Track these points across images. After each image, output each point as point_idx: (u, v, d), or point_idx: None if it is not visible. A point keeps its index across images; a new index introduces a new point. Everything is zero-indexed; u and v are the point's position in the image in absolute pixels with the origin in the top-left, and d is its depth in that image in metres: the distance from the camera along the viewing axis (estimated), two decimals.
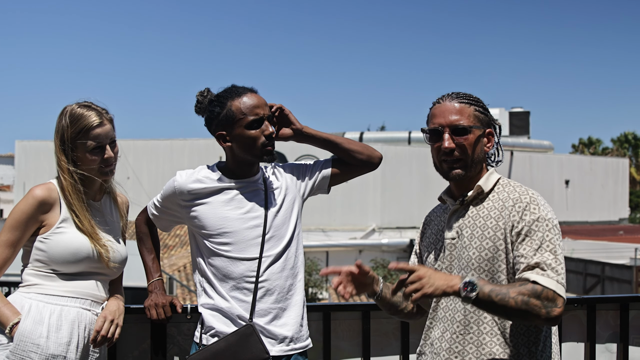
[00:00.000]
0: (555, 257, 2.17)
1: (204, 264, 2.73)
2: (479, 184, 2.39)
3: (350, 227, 34.50)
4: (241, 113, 2.63)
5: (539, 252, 2.18)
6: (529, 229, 2.22)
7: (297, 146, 35.70)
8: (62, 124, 2.64)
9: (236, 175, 2.75)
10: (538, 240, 2.20)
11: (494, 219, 2.30)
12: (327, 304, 3.18)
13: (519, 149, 40.45)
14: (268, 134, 2.65)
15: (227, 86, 2.74)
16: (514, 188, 2.35)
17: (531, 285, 2.12)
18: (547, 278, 2.13)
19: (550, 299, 2.10)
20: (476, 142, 2.39)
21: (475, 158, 2.40)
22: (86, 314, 2.61)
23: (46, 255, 2.60)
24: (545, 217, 2.23)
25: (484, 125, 2.41)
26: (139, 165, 35.43)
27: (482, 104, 2.43)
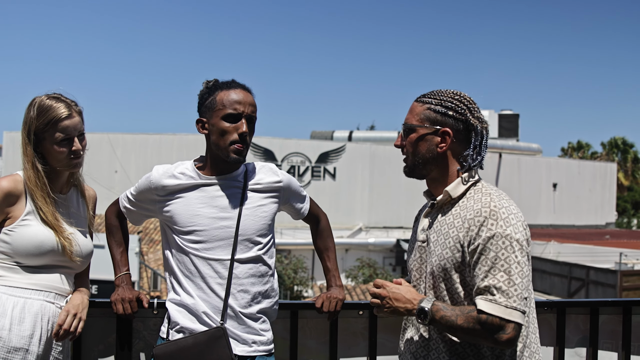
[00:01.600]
0: (509, 277, 2.10)
1: (172, 260, 2.70)
2: (446, 189, 2.33)
3: (337, 225, 34.48)
4: (222, 104, 2.61)
5: (490, 273, 2.12)
6: (483, 247, 2.14)
7: (285, 143, 35.95)
8: (30, 116, 2.61)
9: (214, 171, 2.71)
10: (491, 260, 2.13)
11: (456, 229, 2.24)
12: (295, 302, 3.16)
13: (507, 151, 40.61)
14: (240, 132, 2.60)
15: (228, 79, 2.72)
16: (480, 197, 2.26)
17: (476, 314, 2.11)
18: (494, 304, 2.09)
19: (496, 327, 2.08)
20: (418, 141, 2.35)
21: (419, 158, 2.36)
22: (50, 306, 2.59)
23: (10, 248, 2.57)
24: (502, 233, 2.13)
25: (435, 124, 2.32)
26: (127, 159, 35.33)
27: (444, 103, 2.32)
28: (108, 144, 35.37)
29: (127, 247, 2.95)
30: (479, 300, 2.12)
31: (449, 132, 2.31)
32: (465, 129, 2.32)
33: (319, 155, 36.53)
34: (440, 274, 2.27)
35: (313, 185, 36.30)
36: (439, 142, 2.32)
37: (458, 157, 2.35)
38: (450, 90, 2.37)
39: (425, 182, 2.45)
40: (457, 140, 2.32)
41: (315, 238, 3.10)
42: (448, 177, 2.36)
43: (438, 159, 2.35)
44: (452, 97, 2.33)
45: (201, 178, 2.69)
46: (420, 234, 2.42)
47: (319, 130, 43.02)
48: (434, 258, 2.30)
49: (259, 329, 2.68)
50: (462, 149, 2.34)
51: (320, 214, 3.10)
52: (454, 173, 2.35)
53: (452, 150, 2.34)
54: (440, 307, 2.18)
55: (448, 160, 2.35)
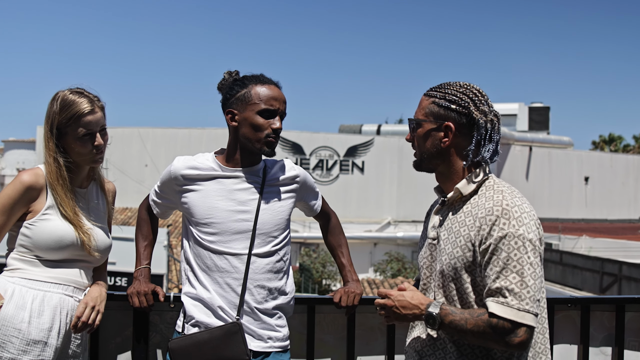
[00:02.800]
0: (522, 279, 2.04)
1: (189, 252, 2.70)
2: (457, 186, 2.27)
3: (366, 219, 34.54)
4: (258, 98, 2.61)
5: (502, 274, 2.06)
6: (495, 246, 2.08)
7: (313, 137, 35.98)
8: (52, 110, 2.62)
9: (235, 163, 2.69)
10: (502, 260, 2.06)
11: (467, 228, 2.19)
12: (312, 296, 3.14)
13: (538, 144, 40.22)
14: (275, 128, 2.61)
15: (256, 73, 2.72)
16: (492, 195, 2.19)
17: (487, 317, 2.06)
18: (506, 307, 2.03)
19: (507, 330, 2.03)
20: (424, 136, 2.31)
21: (425, 152, 2.32)
22: (68, 300, 2.60)
23: (31, 242, 2.58)
24: (515, 233, 2.07)
25: (438, 119, 2.27)
26: (157, 153, 35.65)
27: (448, 97, 2.26)
28: (138, 138, 35.73)
29: (153, 241, 2.96)
30: (491, 303, 2.06)
31: (451, 127, 2.24)
32: (469, 122, 2.24)
33: (347, 149, 36.53)
34: (450, 273, 2.21)
35: (341, 179, 36.32)
36: (442, 137, 2.27)
37: (462, 152, 2.27)
38: (458, 82, 2.31)
39: (435, 177, 2.40)
40: (460, 134, 2.25)
41: (327, 235, 3.08)
42: (454, 172, 2.30)
43: (443, 153, 2.29)
44: (457, 90, 2.26)
45: (221, 170, 2.68)
46: (431, 231, 2.37)
47: (347, 124, 43.01)
48: (444, 256, 2.25)
49: (275, 324, 2.66)
50: (468, 144, 2.26)
51: (331, 212, 3.09)
52: (459, 168, 2.29)
53: (456, 145, 2.27)
54: (448, 312, 2.13)
55: (452, 155, 2.29)
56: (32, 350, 2.46)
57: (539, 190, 39.60)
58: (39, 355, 2.46)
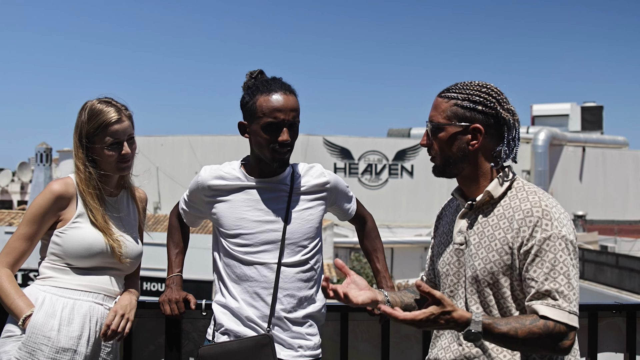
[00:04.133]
0: (569, 281, 1.99)
1: (219, 263, 2.68)
2: (488, 189, 2.17)
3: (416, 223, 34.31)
4: (261, 111, 2.52)
5: (550, 275, 1.99)
6: (539, 248, 2.02)
7: (362, 142, 35.94)
8: (81, 119, 2.65)
9: (260, 173, 2.65)
10: (549, 262, 2.00)
11: (503, 231, 2.11)
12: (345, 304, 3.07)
13: (591, 144, 39.45)
14: (281, 141, 2.52)
15: (270, 77, 2.64)
16: (526, 195, 2.12)
17: (543, 323, 1.96)
18: (559, 310, 1.97)
19: (562, 334, 1.96)
20: (449, 140, 2.19)
21: (450, 157, 2.21)
22: (98, 308, 2.61)
23: (61, 250, 2.60)
24: (558, 235, 2.01)
25: (464, 121, 2.16)
26: (207, 160, 35.98)
27: (472, 97, 2.16)
28: (188, 146, 36.19)
29: (184, 249, 2.94)
30: (542, 307, 1.98)
31: (480, 129, 2.15)
32: (497, 123, 2.16)
33: (396, 153, 36.40)
34: (486, 278, 2.13)
35: (390, 183, 36.19)
36: (469, 139, 2.17)
37: (491, 154, 2.19)
38: (475, 82, 2.21)
39: (456, 180, 2.30)
40: (489, 135, 2.16)
41: (363, 239, 3.01)
42: (481, 174, 2.21)
43: (470, 157, 2.19)
44: (480, 90, 2.17)
45: (247, 180, 2.65)
46: (458, 236, 2.26)
47: (396, 128, 42.82)
48: (477, 262, 2.16)
49: (306, 333, 2.62)
50: (495, 145, 2.18)
51: (367, 215, 3.01)
52: (487, 170, 2.21)
53: (484, 146, 2.18)
54: (493, 325, 1.97)
55: (480, 157, 2.20)
56: (61, 358, 2.48)
57: (594, 192, 38.85)
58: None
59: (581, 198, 38.28)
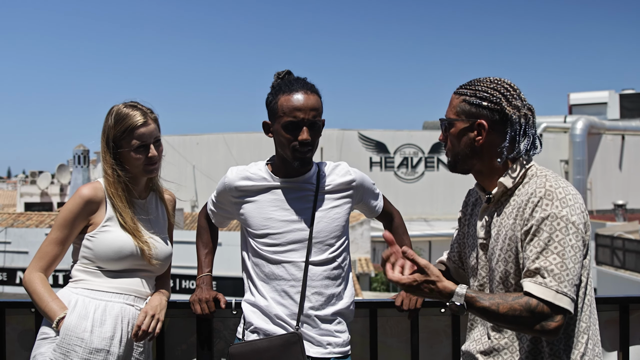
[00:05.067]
0: (562, 261, 1.97)
1: (247, 263, 2.72)
2: (500, 180, 2.19)
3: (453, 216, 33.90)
4: (282, 111, 2.55)
5: (542, 254, 1.98)
6: (537, 227, 2.02)
7: (397, 135, 35.77)
8: (108, 124, 2.70)
9: (285, 173, 2.68)
10: (544, 241, 1.99)
11: (513, 218, 2.12)
12: (373, 300, 3.11)
13: (631, 133, 38.72)
14: (301, 140, 2.54)
15: (294, 77, 2.66)
16: (535, 180, 2.13)
17: (525, 300, 1.97)
18: (545, 288, 1.95)
19: (545, 314, 1.95)
20: (457, 136, 2.24)
21: (459, 153, 2.25)
22: (129, 309, 2.66)
23: (92, 253, 2.66)
24: (557, 214, 2.00)
25: (470, 117, 2.19)
26: (242, 158, 36.15)
27: (479, 93, 2.18)
28: (224, 143, 36.38)
29: (214, 249, 2.98)
30: (528, 283, 1.99)
31: (484, 124, 2.17)
32: (502, 118, 2.17)
33: (431, 145, 36.17)
34: (509, 268, 2.14)
35: (427, 176, 35.99)
36: (475, 135, 2.20)
37: (498, 149, 2.19)
38: (489, 78, 2.22)
39: (474, 176, 2.32)
40: (494, 131, 2.18)
41: None
42: (493, 169, 2.23)
43: (478, 152, 2.22)
44: (487, 86, 2.18)
45: (273, 180, 2.67)
46: (480, 231, 2.29)
47: (431, 121, 42.54)
48: (497, 253, 2.17)
49: (334, 330, 2.64)
50: (502, 140, 2.18)
51: (394, 211, 3.01)
52: (496, 166, 2.22)
53: (491, 142, 2.19)
54: (476, 298, 2.01)
55: (489, 152, 2.21)
56: (95, 359, 2.53)
57: (634, 180, 38.14)
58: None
59: (621, 187, 37.62)
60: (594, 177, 37.05)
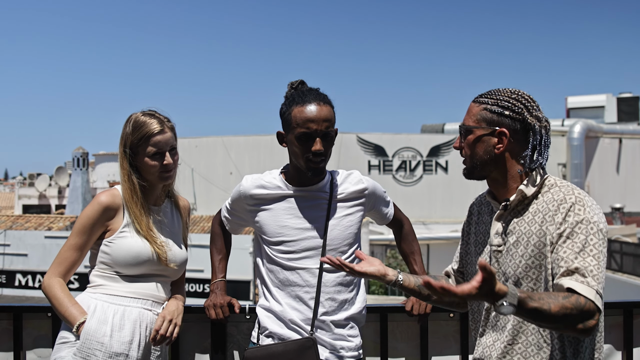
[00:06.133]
0: (598, 263, 2.02)
1: (262, 269, 2.78)
2: (520, 188, 2.23)
3: (452, 219, 34.01)
4: (295, 122, 2.60)
5: (580, 255, 2.03)
6: (571, 230, 2.07)
7: (395, 138, 35.75)
8: (126, 131, 2.75)
9: (299, 182, 2.73)
10: (580, 242, 2.05)
11: (538, 224, 2.16)
12: (384, 305, 3.15)
13: (628, 136, 38.72)
14: (314, 151, 2.59)
15: (307, 88, 2.72)
16: (559, 188, 2.20)
17: (575, 298, 1.97)
18: (588, 287, 1.98)
19: (590, 312, 1.98)
20: (475, 143, 2.29)
21: (477, 160, 2.29)
22: (147, 313, 2.71)
23: (110, 259, 2.71)
24: (590, 219, 2.07)
25: (491, 125, 2.25)
26: (241, 161, 36.15)
27: (501, 102, 2.23)
28: (222, 146, 36.34)
29: (227, 255, 3.03)
30: (572, 282, 2.00)
31: (506, 133, 2.23)
32: (523, 128, 2.22)
33: (430, 149, 36.15)
34: (529, 274, 2.18)
35: (425, 179, 35.98)
36: (495, 143, 2.25)
37: (517, 158, 2.26)
38: (508, 89, 2.29)
39: (487, 183, 2.38)
40: (515, 140, 2.24)
41: (400, 242, 3.08)
42: (510, 178, 2.28)
43: (496, 160, 2.27)
44: (509, 96, 2.24)
45: (288, 188, 2.73)
46: (495, 238, 2.32)
47: (429, 124, 42.59)
48: (517, 259, 2.21)
49: (347, 335, 2.70)
50: (521, 150, 2.24)
51: (404, 218, 3.08)
52: (514, 174, 2.27)
53: (510, 151, 2.25)
54: (528, 300, 1.91)
55: (507, 161, 2.27)
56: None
57: (631, 184, 38.16)
58: None
59: (619, 190, 37.64)
60: (592, 180, 37.06)
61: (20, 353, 3.07)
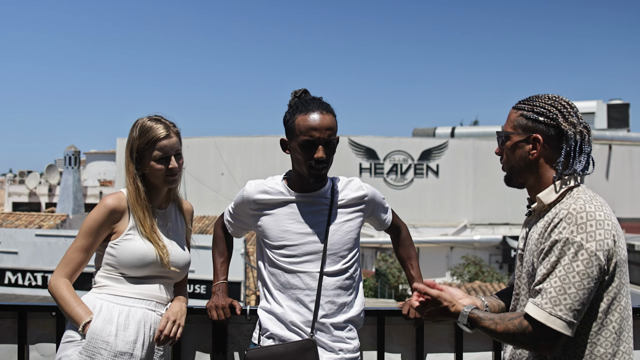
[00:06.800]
0: (562, 285, 2.03)
1: (264, 272, 2.84)
2: (538, 196, 2.26)
3: (442, 223, 34.20)
4: (299, 129, 2.68)
5: (550, 276, 2.07)
6: (549, 249, 2.10)
7: (387, 142, 35.82)
8: (132, 136, 2.82)
9: (301, 188, 2.81)
10: (551, 264, 2.07)
11: (538, 234, 2.21)
12: (381, 309, 3.21)
13: (617, 142, 38.98)
14: (317, 158, 2.67)
15: (310, 97, 2.79)
16: (567, 201, 2.18)
17: (519, 321, 2.11)
18: (540, 310, 2.06)
19: (535, 335, 2.07)
20: (513, 149, 2.32)
21: (514, 166, 2.33)
22: (151, 314, 2.78)
23: (116, 260, 2.78)
24: (570, 239, 2.05)
25: (526, 131, 2.27)
26: (233, 162, 36.15)
27: (536, 109, 2.26)
28: (214, 147, 36.34)
29: (229, 258, 3.10)
30: (529, 304, 2.10)
31: (539, 139, 2.25)
32: (558, 134, 2.23)
33: (421, 152, 36.27)
34: (529, 280, 2.25)
35: (416, 182, 36.09)
36: (530, 149, 2.27)
37: (552, 164, 2.27)
38: (547, 94, 2.31)
39: (527, 191, 2.39)
40: (549, 146, 2.25)
41: (398, 247, 3.16)
42: (543, 184, 2.29)
43: (532, 166, 2.29)
44: (545, 102, 2.26)
45: (290, 194, 2.80)
46: (520, 242, 2.40)
47: (421, 128, 42.71)
48: (526, 266, 2.29)
49: (346, 337, 2.77)
50: (557, 156, 2.25)
51: (401, 225, 3.15)
52: (549, 180, 2.27)
53: (546, 156, 2.27)
54: (478, 319, 2.20)
55: (541, 167, 2.28)
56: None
57: (620, 190, 38.40)
58: None
59: (608, 196, 37.74)
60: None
61: (24, 350, 3.12)
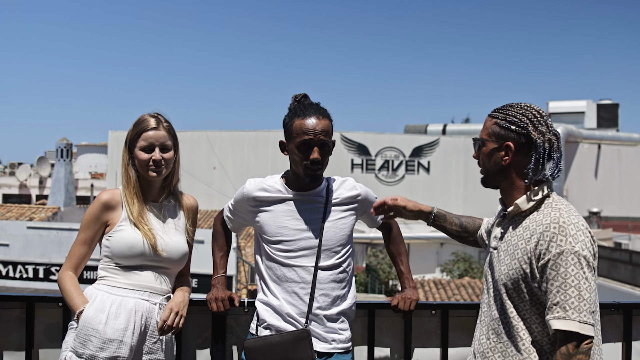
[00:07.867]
0: (579, 293, 2.18)
1: (261, 266, 3.00)
2: (516, 202, 2.41)
3: None
4: (296, 132, 2.85)
5: (562, 288, 2.20)
6: (554, 262, 2.22)
7: (379, 138, 35.91)
8: (130, 128, 3.01)
9: (298, 186, 2.97)
10: (561, 276, 2.21)
11: (525, 242, 2.33)
12: (372, 302, 3.38)
13: (607, 142, 39.24)
14: (312, 159, 2.83)
15: (308, 102, 2.96)
16: (550, 212, 2.33)
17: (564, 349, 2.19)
18: (568, 321, 2.18)
19: (577, 345, 2.18)
20: (488, 154, 2.48)
21: (489, 169, 2.49)
22: (144, 303, 2.90)
23: (110, 251, 2.93)
24: (571, 250, 2.21)
25: (499, 139, 2.42)
26: (225, 156, 36.16)
27: (508, 118, 2.40)
28: (206, 141, 36.33)
29: (228, 252, 3.26)
30: (554, 321, 2.20)
31: (511, 146, 2.39)
32: (528, 142, 2.38)
33: (412, 149, 36.40)
34: (508, 283, 2.37)
35: (407, 179, 36.23)
36: (503, 155, 2.42)
37: (523, 170, 2.41)
38: (520, 103, 2.45)
39: (499, 192, 2.56)
40: (520, 153, 2.40)
41: (389, 244, 3.31)
42: (515, 188, 2.44)
43: (505, 171, 2.45)
44: (517, 112, 2.40)
45: (288, 192, 2.97)
46: (493, 242, 2.54)
47: (412, 124, 42.89)
48: (503, 267, 2.41)
49: (338, 328, 2.94)
50: (528, 162, 2.39)
51: (393, 222, 3.30)
52: (520, 185, 2.43)
53: (517, 162, 2.41)
54: None
55: (513, 173, 2.44)
56: (108, 348, 2.77)
57: (609, 189, 38.70)
58: (115, 352, 2.77)
59: (596, 195, 38.11)
60: (570, 184, 37.50)
61: (32, 338, 3.26)
